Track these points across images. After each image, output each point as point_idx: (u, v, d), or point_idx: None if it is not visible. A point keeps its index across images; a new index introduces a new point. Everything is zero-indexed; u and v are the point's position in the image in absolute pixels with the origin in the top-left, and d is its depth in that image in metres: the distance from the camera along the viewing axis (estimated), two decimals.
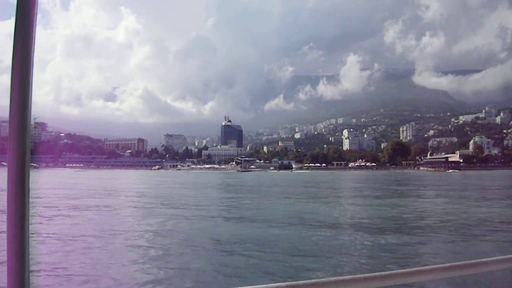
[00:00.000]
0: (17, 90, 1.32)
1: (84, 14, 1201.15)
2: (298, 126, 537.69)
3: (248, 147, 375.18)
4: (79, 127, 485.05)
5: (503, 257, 2.56)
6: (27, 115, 1.34)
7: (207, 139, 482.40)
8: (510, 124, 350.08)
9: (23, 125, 1.33)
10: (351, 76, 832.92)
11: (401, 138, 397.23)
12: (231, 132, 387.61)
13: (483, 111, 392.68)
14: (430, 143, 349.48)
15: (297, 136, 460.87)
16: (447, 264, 2.35)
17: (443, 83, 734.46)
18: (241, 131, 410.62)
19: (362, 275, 2.08)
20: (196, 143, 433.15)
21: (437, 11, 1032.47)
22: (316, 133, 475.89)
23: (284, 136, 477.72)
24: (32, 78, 1.36)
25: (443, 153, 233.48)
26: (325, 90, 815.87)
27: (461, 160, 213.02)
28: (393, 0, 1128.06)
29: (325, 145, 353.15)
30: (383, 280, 2.15)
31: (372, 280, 2.10)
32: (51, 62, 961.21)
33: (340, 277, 2.00)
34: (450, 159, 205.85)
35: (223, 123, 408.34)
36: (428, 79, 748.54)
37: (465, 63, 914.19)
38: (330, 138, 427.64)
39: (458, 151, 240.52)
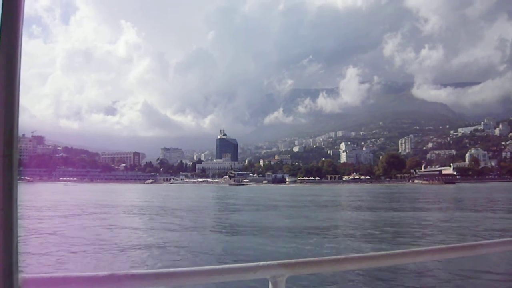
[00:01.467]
0: (3, 103, 1.31)
1: (84, 28, 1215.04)
2: (297, 140, 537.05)
3: (246, 161, 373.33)
4: (79, 141, 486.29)
5: (499, 240, 2.53)
6: (14, 123, 1.34)
7: (206, 152, 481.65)
8: (509, 136, 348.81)
9: (10, 133, 1.27)
10: (351, 89, 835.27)
11: (399, 150, 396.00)
12: (227, 146, 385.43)
13: (482, 123, 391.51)
14: (428, 155, 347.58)
15: (295, 149, 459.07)
16: (444, 246, 2.31)
17: (442, 95, 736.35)
18: (237, 144, 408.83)
19: (359, 255, 2.08)
20: (195, 157, 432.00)
21: (436, 24, 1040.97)
22: (315, 146, 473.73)
23: (283, 150, 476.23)
24: (19, 90, 1.35)
25: (437, 166, 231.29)
26: (325, 103, 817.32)
27: (455, 173, 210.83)
28: (392, 13, 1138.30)
29: (323, 159, 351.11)
30: (380, 261, 2.13)
31: (368, 260, 2.10)
32: (51, 75, 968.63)
33: (336, 256, 1.99)
34: (443, 172, 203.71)
35: (219, 137, 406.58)
36: (427, 92, 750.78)
37: (465, 76, 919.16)
38: (328, 151, 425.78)
39: (452, 164, 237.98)
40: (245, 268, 1.93)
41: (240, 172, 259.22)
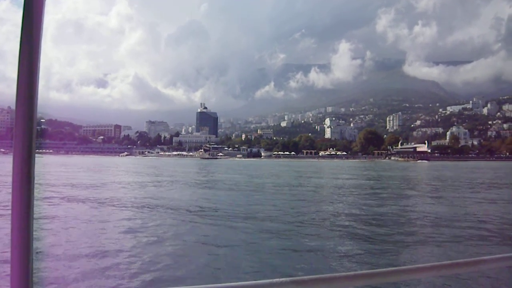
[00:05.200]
0: (24, 78, 1.32)
1: None
2: (287, 115, 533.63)
3: (233, 135, 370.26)
4: (69, 113, 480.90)
5: (498, 256, 2.50)
6: (33, 104, 1.32)
7: (194, 126, 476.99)
8: (497, 115, 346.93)
9: (30, 114, 1.25)
10: (343, 65, 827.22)
11: (387, 127, 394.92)
12: (206, 119, 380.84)
13: (471, 102, 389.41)
14: (414, 133, 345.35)
15: (283, 124, 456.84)
16: (444, 262, 2.29)
17: (434, 73, 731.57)
18: (217, 118, 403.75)
19: (372, 271, 2.07)
20: (183, 131, 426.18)
21: (430, 0, 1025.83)
22: (303, 121, 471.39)
23: (273, 124, 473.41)
24: (39, 67, 1.36)
25: (412, 143, 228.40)
26: (317, 78, 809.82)
27: (429, 150, 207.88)
28: None
29: (309, 134, 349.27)
30: (392, 276, 2.14)
31: (380, 276, 2.09)
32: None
33: (348, 273, 1.99)
34: (418, 149, 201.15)
35: (199, 110, 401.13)
36: (418, 69, 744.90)
37: (459, 54, 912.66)
38: (316, 127, 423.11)
39: (430, 141, 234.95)
40: (257, 285, 1.82)
41: (215, 146, 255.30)
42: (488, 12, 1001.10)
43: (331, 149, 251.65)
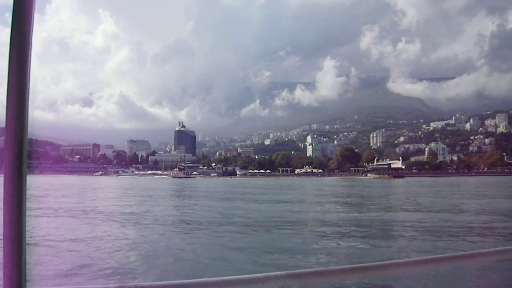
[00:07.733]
0: (14, 95, 1.33)
1: (61, 17, 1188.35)
2: (272, 132, 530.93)
3: (217, 154, 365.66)
4: (53, 132, 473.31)
5: (497, 249, 2.50)
6: (24, 120, 1.34)
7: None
8: (479, 130, 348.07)
9: (21, 131, 1.33)
10: (328, 82, 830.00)
11: (371, 144, 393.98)
12: (184, 138, 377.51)
13: (453, 117, 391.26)
14: (397, 149, 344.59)
15: (266, 142, 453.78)
16: (443, 255, 2.30)
17: (417, 89, 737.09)
18: (195, 136, 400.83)
19: (368, 264, 2.08)
20: (168, 149, 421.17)
21: (413, 18, 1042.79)
22: (287, 139, 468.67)
23: (257, 142, 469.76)
24: (29, 84, 1.37)
25: (387, 160, 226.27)
26: (302, 95, 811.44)
27: (403, 166, 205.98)
28: (373, 7, 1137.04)
29: (292, 152, 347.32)
30: (387, 270, 2.13)
31: (375, 270, 2.10)
32: None
33: (342, 266, 2.00)
34: (393, 166, 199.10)
35: (177, 128, 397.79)
36: (402, 86, 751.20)
37: (442, 70, 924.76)
38: (299, 144, 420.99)
39: (401, 158, 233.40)
40: (253, 279, 1.88)
41: (190, 165, 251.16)
42: (472, 29, 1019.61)
43: (307, 166, 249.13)
